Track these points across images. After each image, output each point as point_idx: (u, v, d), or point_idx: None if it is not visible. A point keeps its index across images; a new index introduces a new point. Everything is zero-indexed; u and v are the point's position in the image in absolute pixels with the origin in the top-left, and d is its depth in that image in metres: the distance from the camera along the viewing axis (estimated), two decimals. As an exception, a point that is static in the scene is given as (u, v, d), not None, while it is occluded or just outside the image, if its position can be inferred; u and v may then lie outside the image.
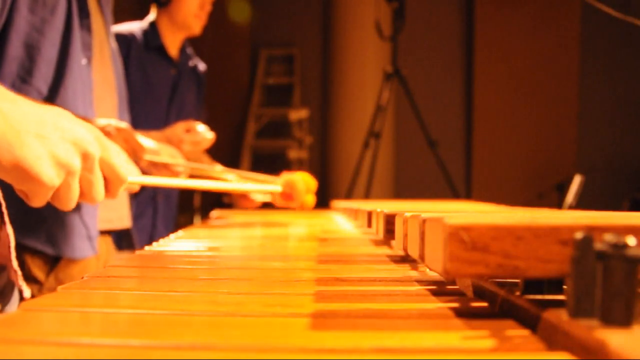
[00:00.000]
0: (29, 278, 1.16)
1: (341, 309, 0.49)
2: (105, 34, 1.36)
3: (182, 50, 2.26)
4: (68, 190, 0.68)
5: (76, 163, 0.67)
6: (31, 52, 1.12)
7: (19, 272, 0.96)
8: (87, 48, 1.23)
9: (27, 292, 0.96)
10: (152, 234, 2.16)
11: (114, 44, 1.42)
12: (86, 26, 1.23)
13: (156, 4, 2.18)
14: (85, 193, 0.71)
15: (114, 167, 0.74)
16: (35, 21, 1.11)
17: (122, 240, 1.50)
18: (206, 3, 2.12)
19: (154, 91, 2.14)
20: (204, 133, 1.67)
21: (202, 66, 2.35)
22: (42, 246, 1.17)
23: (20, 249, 1.14)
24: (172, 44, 2.20)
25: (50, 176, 0.64)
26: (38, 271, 1.17)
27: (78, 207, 1.22)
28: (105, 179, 0.74)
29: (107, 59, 1.37)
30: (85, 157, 0.69)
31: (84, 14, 1.23)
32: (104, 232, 1.39)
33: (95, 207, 1.27)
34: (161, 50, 2.18)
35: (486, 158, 5.26)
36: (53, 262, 1.19)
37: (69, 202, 0.69)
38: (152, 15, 2.19)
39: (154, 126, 1.84)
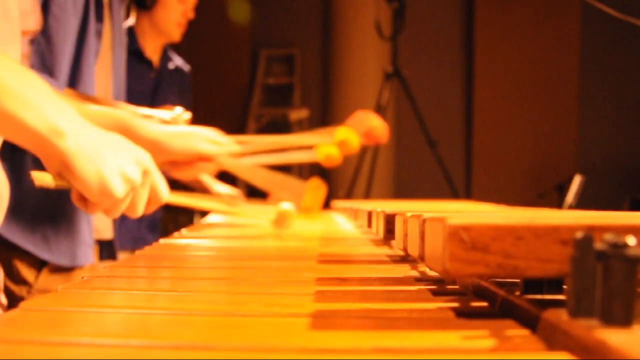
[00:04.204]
0: (18, 280, 1.16)
1: (341, 309, 0.49)
2: (111, 42, 1.35)
3: (164, 53, 2.27)
4: (123, 203, 0.76)
5: (139, 180, 0.76)
6: (52, 47, 1.12)
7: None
8: (95, 54, 1.23)
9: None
10: (137, 236, 2.16)
11: (121, 52, 1.41)
12: (98, 32, 1.23)
13: (138, 7, 2.18)
14: (131, 207, 0.79)
15: (158, 187, 0.82)
16: (59, 14, 1.11)
17: (103, 250, 1.51)
18: (188, 11, 2.16)
19: (133, 95, 2.14)
20: (181, 114, 1.83)
21: (186, 67, 2.36)
22: (38, 252, 1.16)
23: (9, 250, 1.14)
24: (152, 47, 2.21)
25: (119, 190, 0.73)
26: (27, 273, 1.17)
27: (77, 215, 1.22)
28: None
29: (109, 67, 1.36)
30: (145, 175, 0.78)
31: (99, 19, 1.22)
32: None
33: (91, 215, 1.27)
34: (138, 54, 2.18)
35: (486, 158, 5.26)
36: (41, 264, 1.19)
37: (118, 213, 0.78)
38: (131, 20, 2.20)
39: None
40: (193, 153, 1.21)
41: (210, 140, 1.24)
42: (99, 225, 1.41)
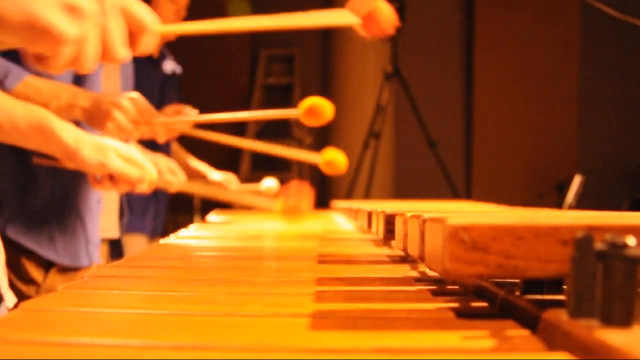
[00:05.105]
0: (26, 279, 1.16)
1: (341, 309, 0.49)
2: None
3: (161, 53, 2.32)
4: (86, 43, 0.58)
5: (90, 4, 0.58)
6: None
7: (4, 281, 0.97)
8: None
9: (9, 302, 0.97)
10: (155, 225, 2.19)
11: None
12: None
13: None
14: (106, 47, 0.60)
15: (133, 13, 0.62)
16: None
17: (113, 250, 1.51)
18: (180, 10, 2.21)
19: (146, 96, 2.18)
20: (192, 112, 1.85)
21: (178, 69, 2.40)
22: (45, 252, 1.17)
23: (17, 250, 1.14)
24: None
25: (63, 24, 0.55)
26: (35, 273, 1.17)
27: (81, 214, 1.22)
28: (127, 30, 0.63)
29: (117, 66, 1.36)
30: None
31: None
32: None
33: (97, 214, 1.27)
34: (149, 57, 2.22)
35: (486, 158, 5.25)
36: (49, 264, 1.20)
37: (90, 60, 0.59)
38: None
39: None
40: (105, 169, 1.09)
41: (127, 159, 1.13)
42: (104, 225, 1.41)
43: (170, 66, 2.35)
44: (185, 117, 1.56)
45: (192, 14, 2.29)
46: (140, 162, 1.14)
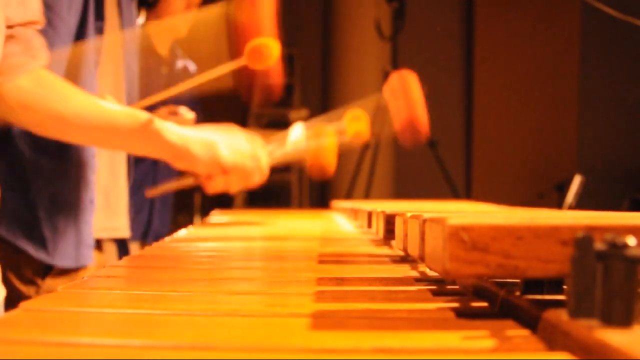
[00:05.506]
0: (26, 280, 1.16)
1: (341, 309, 0.49)
2: (122, 40, 1.34)
3: (172, 50, 2.29)
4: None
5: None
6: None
7: None
8: (96, 52, 1.23)
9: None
10: (147, 230, 2.18)
11: (134, 50, 1.40)
12: (98, 29, 1.22)
13: (142, 6, 2.20)
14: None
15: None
16: (50, 16, 1.10)
17: (119, 249, 1.51)
18: (192, 5, 2.16)
19: (146, 91, 2.15)
20: (186, 114, 1.81)
21: (192, 67, 2.37)
22: (36, 253, 1.16)
23: (16, 252, 1.14)
24: (162, 44, 2.23)
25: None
26: (34, 274, 1.17)
27: (73, 215, 1.22)
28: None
29: (119, 64, 1.35)
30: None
31: (99, 16, 1.22)
32: (106, 240, 1.39)
33: (91, 214, 1.27)
34: (156, 54, 2.20)
35: (486, 158, 5.26)
36: (48, 265, 1.19)
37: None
38: (141, 19, 2.21)
39: None
40: (217, 164, 1.10)
41: (236, 150, 1.13)
42: (115, 224, 1.41)
43: (181, 63, 2.33)
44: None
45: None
46: (251, 152, 1.15)
